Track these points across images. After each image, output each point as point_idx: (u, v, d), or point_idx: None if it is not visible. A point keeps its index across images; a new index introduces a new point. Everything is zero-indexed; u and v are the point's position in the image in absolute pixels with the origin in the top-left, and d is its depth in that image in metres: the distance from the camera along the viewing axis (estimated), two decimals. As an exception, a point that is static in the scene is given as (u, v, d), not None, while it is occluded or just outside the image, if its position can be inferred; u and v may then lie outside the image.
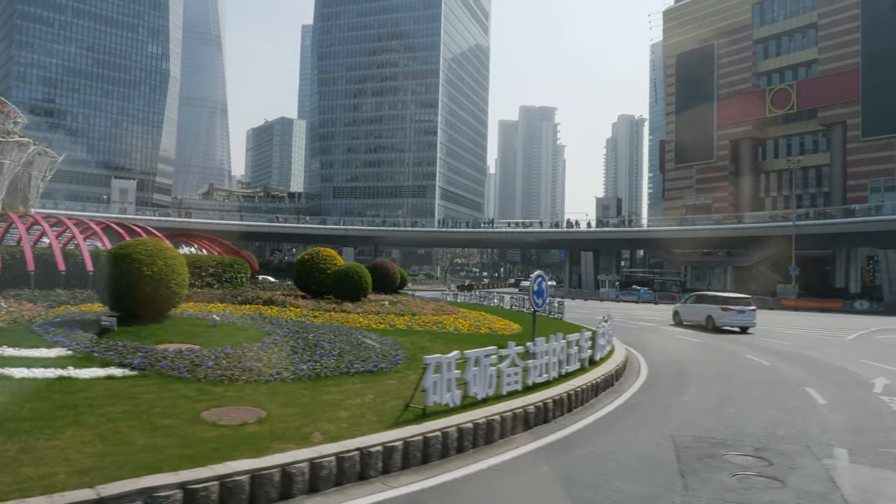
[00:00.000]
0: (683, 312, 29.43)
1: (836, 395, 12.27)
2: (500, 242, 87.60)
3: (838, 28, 77.85)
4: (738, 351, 19.60)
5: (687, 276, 75.81)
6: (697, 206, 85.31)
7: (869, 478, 7.17)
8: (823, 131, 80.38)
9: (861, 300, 50.15)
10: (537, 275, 13.95)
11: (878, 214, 51.22)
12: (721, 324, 26.22)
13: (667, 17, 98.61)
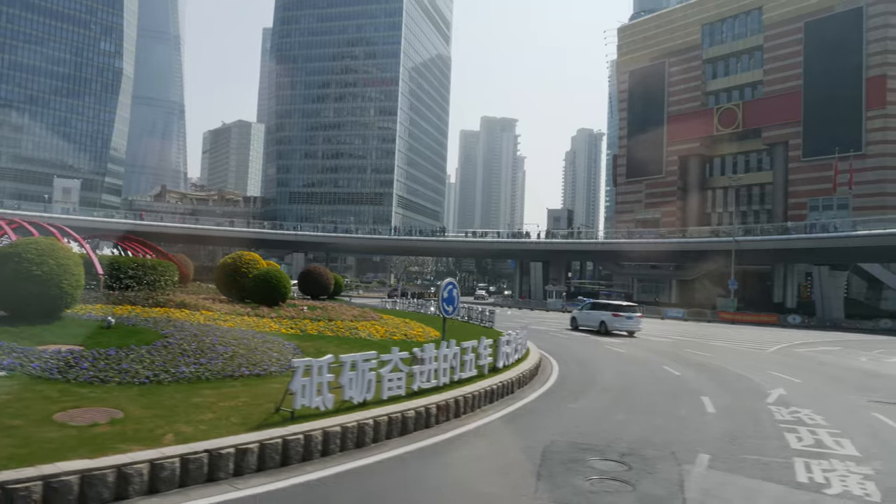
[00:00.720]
0: (580, 318, 32.00)
1: (727, 404, 12.63)
2: (451, 251, 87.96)
3: (782, 51, 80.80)
4: (656, 362, 20.04)
5: (634, 289, 77.28)
6: (647, 221, 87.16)
7: (716, 482, 7.38)
8: (767, 150, 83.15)
9: (794, 315, 51.89)
10: (447, 282, 14.07)
11: (811, 232, 53.12)
12: (612, 328, 29.65)
13: (621, 35, 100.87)
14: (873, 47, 73.28)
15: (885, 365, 22.83)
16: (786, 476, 7.66)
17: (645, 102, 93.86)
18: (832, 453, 8.89)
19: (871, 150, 71.88)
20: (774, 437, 9.82)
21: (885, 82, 72.01)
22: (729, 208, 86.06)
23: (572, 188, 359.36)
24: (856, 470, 8.07)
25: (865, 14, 73.83)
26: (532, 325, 36.35)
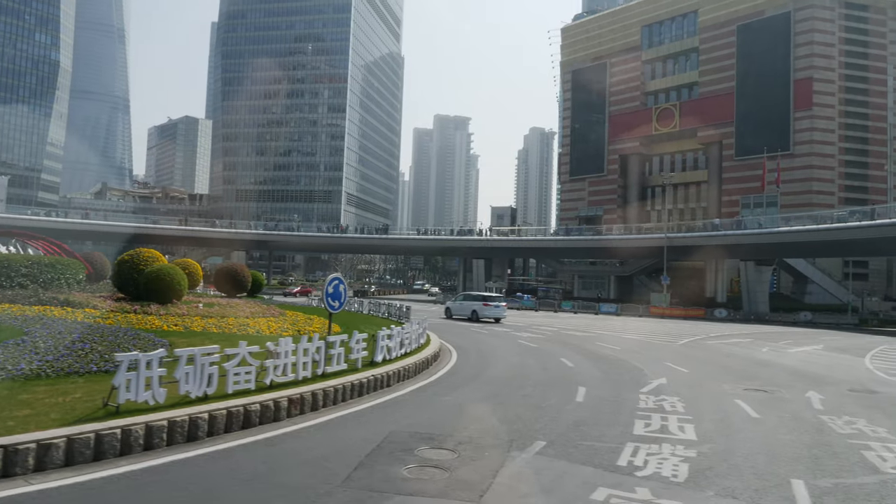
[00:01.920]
0: (453, 308, 35.49)
1: (599, 394, 12.98)
2: (396, 249, 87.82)
3: (717, 53, 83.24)
4: (558, 354, 20.44)
5: (575, 285, 78.58)
6: (589, 218, 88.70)
7: (535, 467, 7.58)
8: (703, 150, 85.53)
9: (721, 309, 53.59)
10: (332, 277, 14.05)
11: (738, 229, 54.94)
12: (482, 316, 33.98)
13: (565, 35, 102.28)
14: (801, 51, 76.12)
15: (784, 355, 23.77)
16: (607, 460, 7.93)
17: (587, 102, 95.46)
18: (669, 438, 9.24)
19: (799, 150, 74.72)
20: (623, 424, 10.13)
21: (811, 84, 74.90)
22: (668, 206, 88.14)
23: (525, 186, 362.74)
24: (681, 453, 8.41)
25: (793, 19, 76.63)
26: (458, 321, 36.69)
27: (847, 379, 17.31)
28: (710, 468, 7.78)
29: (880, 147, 76.14)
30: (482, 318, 34.07)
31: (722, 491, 6.97)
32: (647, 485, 7.01)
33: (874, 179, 75.14)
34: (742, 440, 9.44)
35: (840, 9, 76.73)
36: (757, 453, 8.68)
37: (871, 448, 9.13)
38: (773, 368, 19.23)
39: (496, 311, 34.19)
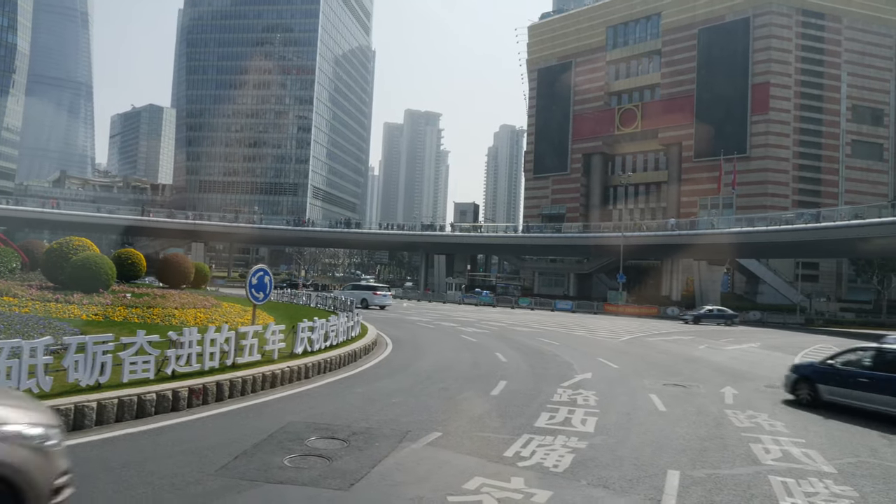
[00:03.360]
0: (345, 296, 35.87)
1: (518, 388, 13.14)
2: (359, 243, 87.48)
3: (678, 56, 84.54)
4: (494, 349, 20.63)
5: (535, 282, 79.24)
6: (552, 216, 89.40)
7: (419, 457, 7.66)
8: (664, 150, 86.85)
9: (673, 307, 54.57)
10: (257, 269, 13.97)
11: (691, 229, 56.00)
12: (372, 304, 37.87)
13: (531, 33, 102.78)
14: (759, 56, 77.74)
15: (718, 352, 24.32)
16: (495, 451, 8.05)
17: (552, 100, 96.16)
18: (567, 430, 9.42)
19: (755, 153, 76.37)
20: (528, 416, 10.28)
21: (768, 89, 76.57)
22: (629, 205, 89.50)
23: (494, 183, 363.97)
24: (572, 445, 8.59)
25: (752, 25, 78.21)
26: (409, 315, 36.82)
27: (769, 375, 17.80)
28: (593, 459, 7.96)
29: (833, 152, 78.20)
30: (371, 305, 38.28)
31: (596, 481, 7.13)
32: (525, 475, 7.14)
33: (826, 184, 77.19)
34: (638, 433, 9.66)
35: (797, 16, 78.53)
36: (646, 445, 8.90)
37: (761, 441, 9.43)
38: (702, 365, 19.69)
39: (383, 300, 38.99)
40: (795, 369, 14.40)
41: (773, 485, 7.30)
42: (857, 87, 79.65)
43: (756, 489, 7.16)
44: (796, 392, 13.86)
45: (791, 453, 8.78)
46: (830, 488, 7.29)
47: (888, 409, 11.90)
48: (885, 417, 11.71)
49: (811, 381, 13.61)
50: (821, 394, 13.27)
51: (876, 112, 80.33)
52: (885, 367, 12.45)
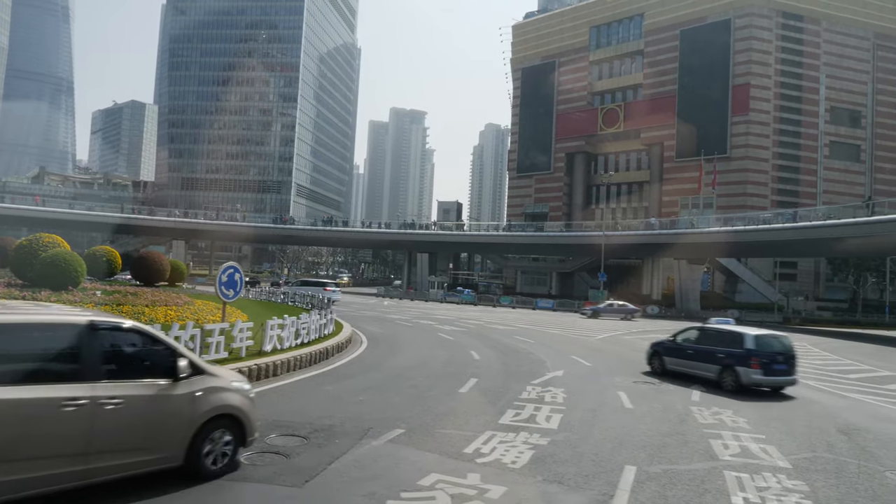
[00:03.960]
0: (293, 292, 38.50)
1: (489, 386, 13.20)
2: (341, 241, 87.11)
3: (660, 57, 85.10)
4: (469, 347, 20.68)
5: (518, 281, 79.46)
6: (535, 215, 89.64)
7: (378, 454, 7.67)
8: (646, 150, 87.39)
9: (653, 306, 55.01)
10: (227, 266, 13.94)
11: (671, 228, 56.41)
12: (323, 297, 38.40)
13: (515, 32, 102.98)
14: (739, 57, 78.46)
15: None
16: (456, 448, 8.09)
17: (536, 100, 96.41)
18: (530, 427, 9.48)
19: (735, 154, 77.07)
20: (493, 413, 10.34)
21: (748, 90, 77.31)
22: (611, 204, 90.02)
23: (479, 182, 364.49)
24: (533, 441, 8.65)
25: (733, 26, 78.91)
26: (388, 313, 36.81)
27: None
28: (552, 456, 8.02)
29: (811, 153, 79.13)
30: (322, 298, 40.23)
31: (552, 477, 7.20)
32: (482, 471, 7.18)
33: (805, 184, 78.09)
34: (601, 429, 9.75)
35: (777, 18, 79.34)
36: (608, 442, 8.99)
37: (722, 437, 9.56)
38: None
39: (331, 295, 38.97)
40: (652, 346, 17.47)
41: (727, 479, 7.42)
42: (836, 88, 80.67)
43: (710, 484, 7.26)
44: (651, 363, 17.12)
45: (749, 449, 8.91)
46: (783, 483, 7.41)
47: (704, 373, 15.22)
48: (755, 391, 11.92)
49: (660, 355, 16.88)
50: (666, 364, 16.55)
51: (853, 114, 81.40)
52: (704, 342, 15.88)
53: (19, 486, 5.09)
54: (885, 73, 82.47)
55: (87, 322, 5.73)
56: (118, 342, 6.09)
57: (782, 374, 14.45)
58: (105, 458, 5.63)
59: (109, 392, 5.61)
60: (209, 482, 6.31)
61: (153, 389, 6.00)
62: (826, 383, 17.18)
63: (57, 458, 5.32)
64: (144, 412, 5.89)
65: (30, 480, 5.15)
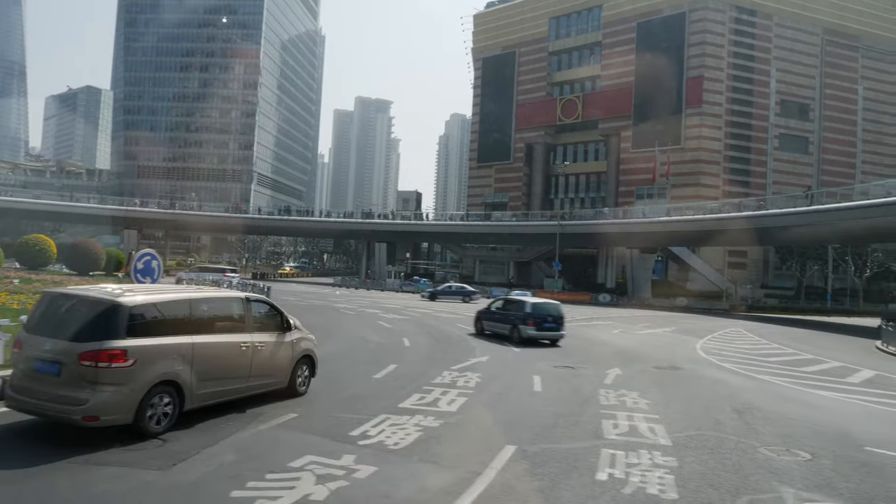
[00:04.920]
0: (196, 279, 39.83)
1: (406, 371, 13.33)
2: (299, 231, 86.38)
3: (618, 49, 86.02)
4: (404, 333, 20.82)
5: (476, 270, 79.91)
6: (495, 204, 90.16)
7: (261, 437, 7.74)
8: (604, 141, 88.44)
9: (605, 294, 55.96)
10: (143, 253, 13.76)
11: (623, 218, 57.39)
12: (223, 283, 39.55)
13: (477, 21, 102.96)
14: (693, 50, 79.80)
15: (629, 336, 25.12)
16: (343, 431, 8.13)
17: (496, 90, 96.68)
18: (429, 410, 9.59)
19: (689, 144, 78.53)
20: (397, 398, 10.40)
21: (702, 83, 78.75)
22: (570, 194, 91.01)
23: (445, 172, 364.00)
24: (425, 423, 8.75)
25: (688, 19, 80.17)
26: (336, 303, 36.70)
27: (664, 357, 18.50)
28: (437, 437, 8.14)
29: (762, 144, 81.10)
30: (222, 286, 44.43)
31: (428, 457, 7.31)
32: (359, 452, 7.25)
33: (755, 175, 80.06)
34: (500, 412, 9.95)
35: (731, 12, 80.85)
36: (500, 423, 9.18)
37: (616, 418, 9.78)
38: (606, 348, 20.31)
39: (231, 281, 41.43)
40: (477, 313, 23.01)
41: (601, 457, 7.59)
42: (786, 82, 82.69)
43: (582, 461, 7.43)
44: (476, 327, 22.33)
45: (638, 428, 9.16)
46: (655, 459, 7.62)
47: (503, 331, 20.58)
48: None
49: (480, 319, 22.37)
50: (484, 327, 21.84)
51: (802, 107, 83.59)
52: (504, 308, 21.76)
53: (224, 394, 8.68)
54: (833, 67, 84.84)
55: (244, 296, 9.62)
56: (259, 309, 9.82)
57: (552, 330, 20.23)
58: (255, 379, 9.20)
59: (259, 339, 9.28)
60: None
61: (275, 337, 9.71)
62: (743, 366, 17.71)
63: (238, 378, 8.86)
64: (272, 352, 9.55)
65: (228, 391, 8.73)
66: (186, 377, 7.90)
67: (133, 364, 7.28)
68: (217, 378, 8.44)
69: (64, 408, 7.00)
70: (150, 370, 7.46)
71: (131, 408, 7.25)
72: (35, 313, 7.93)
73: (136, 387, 7.29)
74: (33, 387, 7.27)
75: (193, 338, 8.12)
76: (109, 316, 7.39)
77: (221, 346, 8.60)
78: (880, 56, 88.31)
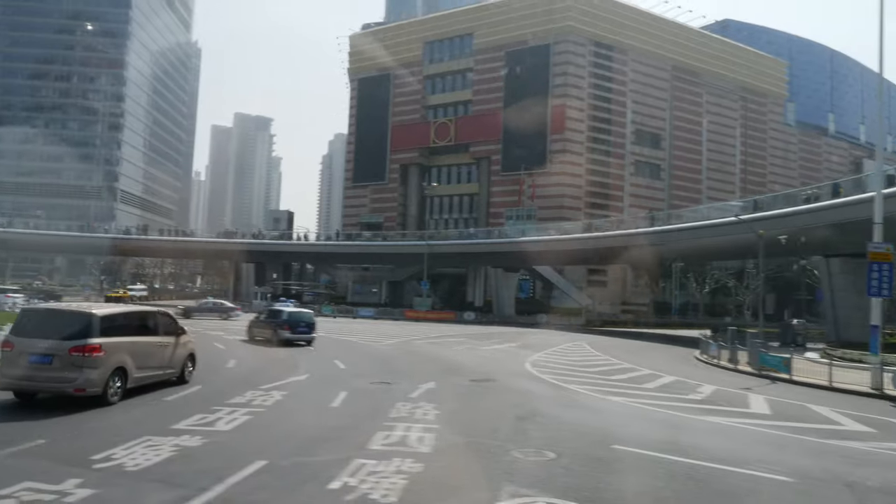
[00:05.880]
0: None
1: (206, 392, 13.00)
2: (158, 252, 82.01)
3: (488, 76, 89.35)
4: (231, 356, 20.31)
5: (349, 290, 79.34)
6: (371, 224, 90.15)
7: None
8: (476, 164, 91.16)
9: (470, 312, 57.48)
10: None
11: (490, 238, 59.40)
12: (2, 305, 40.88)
13: (353, 42, 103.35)
14: (557, 80, 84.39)
15: (470, 353, 25.86)
16: (86, 455, 7.81)
17: (372, 111, 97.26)
18: (200, 430, 9.39)
19: (554, 168, 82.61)
20: (177, 417, 10.07)
21: (564, 111, 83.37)
22: (444, 215, 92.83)
23: (329, 192, 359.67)
24: (185, 444, 8.55)
25: (552, 51, 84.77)
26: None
27: (488, 371, 19.22)
28: (190, 456, 7.99)
29: (619, 170, 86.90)
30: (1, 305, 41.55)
31: (164, 476, 7.14)
32: (89, 476, 6.98)
33: (613, 198, 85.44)
34: (278, 428, 9.97)
35: (590, 46, 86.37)
36: (270, 438, 9.22)
37: (393, 430, 9.95)
38: (436, 364, 20.79)
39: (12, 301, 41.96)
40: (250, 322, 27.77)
41: (348, 466, 7.69)
42: (640, 113, 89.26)
43: (325, 472, 7.43)
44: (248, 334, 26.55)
45: (408, 438, 9.41)
46: (401, 467, 7.82)
47: (267, 336, 24.81)
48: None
49: (251, 327, 26.57)
50: (254, 334, 26.03)
51: (654, 136, 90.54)
52: (270, 316, 26.21)
53: (148, 378, 12.29)
54: (681, 101, 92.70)
55: (158, 310, 14.05)
56: (165, 319, 13.62)
57: (305, 333, 24.93)
58: (165, 369, 12.95)
59: (167, 340, 13.04)
60: None
61: (175, 339, 13.38)
62: (560, 377, 18.64)
63: (156, 367, 12.64)
64: (172, 350, 13.20)
65: (150, 377, 12.41)
66: (129, 365, 11.60)
67: (104, 354, 10.90)
68: (145, 367, 12.22)
69: (59, 385, 10.74)
70: (112, 359, 11.14)
71: (102, 384, 10.89)
72: (24, 323, 11.56)
73: (104, 370, 10.95)
74: (31, 374, 10.61)
75: (133, 338, 12.03)
76: (89, 322, 11.04)
77: (148, 343, 12.51)
78: (721, 93, 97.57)
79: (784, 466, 8.81)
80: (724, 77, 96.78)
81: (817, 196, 33.34)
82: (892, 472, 9.26)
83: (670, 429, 11.56)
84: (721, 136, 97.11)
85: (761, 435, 11.52)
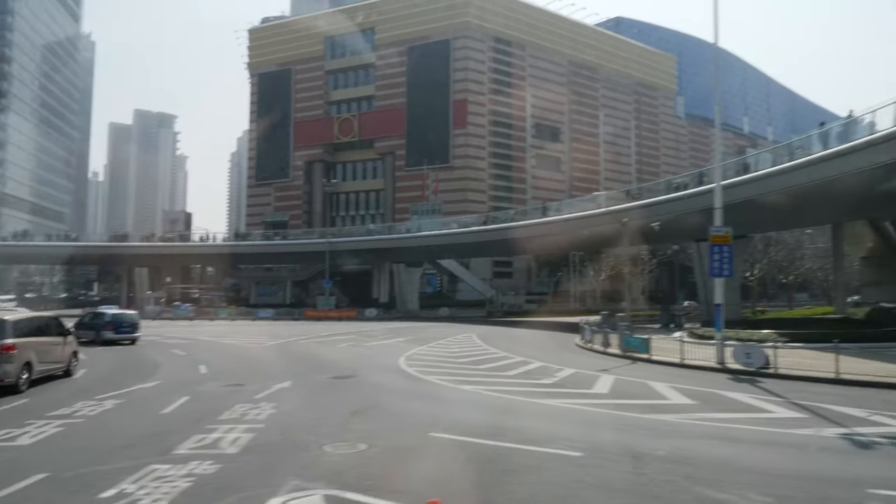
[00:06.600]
0: None
1: (41, 399, 12.39)
2: (38, 258, 76.69)
3: (391, 71, 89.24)
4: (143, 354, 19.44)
5: (252, 291, 77.40)
6: (275, 223, 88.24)
7: None
8: (380, 159, 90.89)
9: (371, 309, 57.33)
10: None
11: (391, 234, 59.43)
12: None
13: (252, 36, 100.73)
14: (458, 75, 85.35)
15: (350, 350, 25.69)
16: None
17: (273, 107, 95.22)
18: None
19: (457, 163, 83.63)
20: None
21: (466, 106, 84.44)
22: (350, 212, 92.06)
23: (238, 190, 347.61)
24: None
25: (452, 47, 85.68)
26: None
27: (355, 367, 19.19)
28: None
29: (521, 163, 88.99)
30: None
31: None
32: None
33: (516, 191, 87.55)
34: (87, 437, 9.69)
35: (490, 41, 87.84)
36: (65, 450, 8.87)
37: (212, 432, 9.70)
38: (307, 362, 20.60)
39: None
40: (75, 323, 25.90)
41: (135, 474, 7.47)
42: (540, 107, 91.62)
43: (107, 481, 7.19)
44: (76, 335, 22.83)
45: (222, 440, 9.27)
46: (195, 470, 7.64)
47: (91, 337, 26.45)
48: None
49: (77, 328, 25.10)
50: (80, 335, 23.20)
51: (554, 130, 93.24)
52: (94, 318, 28.46)
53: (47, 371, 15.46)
54: (578, 95, 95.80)
55: (52, 314, 18.95)
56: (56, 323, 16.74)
57: (128, 333, 27.50)
58: (61, 363, 16.25)
59: (59, 340, 16.25)
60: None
61: (62, 339, 16.36)
62: (427, 370, 18.44)
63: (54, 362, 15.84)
64: (63, 347, 16.28)
65: (49, 369, 15.58)
66: (34, 360, 14.33)
67: (17, 351, 13.59)
68: (46, 361, 15.13)
69: None
70: (23, 355, 13.84)
71: (17, 375, 13.61)
72: None
73: (18, 364, 13.65)
74: None
75: (35, 338, 14.78)
76: (3, 326, 13.72)
77: (46, 342, 15.40)
78: (616, 87, 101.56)
79: (584, 443, 9.27)
80: (619, 72, 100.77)
81: (686, 184, 35.29)
82: (684, 441, 9.89)
83: (501, 414, 11.93)
84: (617, 128, 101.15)
85: (585, 414, 12.08)
